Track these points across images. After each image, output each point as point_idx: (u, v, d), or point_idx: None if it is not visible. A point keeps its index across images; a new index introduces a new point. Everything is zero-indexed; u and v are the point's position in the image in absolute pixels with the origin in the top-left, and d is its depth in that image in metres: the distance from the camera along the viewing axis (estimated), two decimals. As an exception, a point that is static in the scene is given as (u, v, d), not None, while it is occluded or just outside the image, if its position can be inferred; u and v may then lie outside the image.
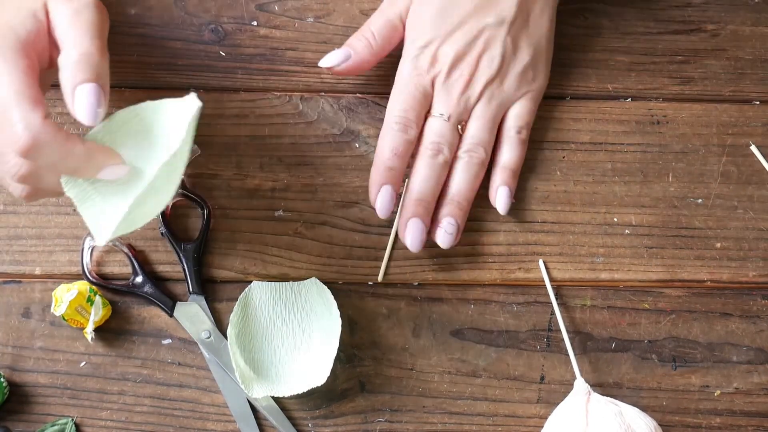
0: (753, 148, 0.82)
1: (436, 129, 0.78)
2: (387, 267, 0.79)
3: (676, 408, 0.78)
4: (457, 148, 0.78)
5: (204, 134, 0.80)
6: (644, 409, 0.76)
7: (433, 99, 0.78)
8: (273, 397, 0.76)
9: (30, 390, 0.76)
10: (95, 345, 0.77)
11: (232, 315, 0.76)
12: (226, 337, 0.76)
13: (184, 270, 0.77)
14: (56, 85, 0.81)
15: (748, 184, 0.82)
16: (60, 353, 0.77)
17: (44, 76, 0.68)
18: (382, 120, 0.80)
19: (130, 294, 0.77)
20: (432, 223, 0.78)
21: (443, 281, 0.79)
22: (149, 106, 0.66)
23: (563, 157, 0.82)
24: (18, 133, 0.62)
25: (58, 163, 0.64)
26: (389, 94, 0.79)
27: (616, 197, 0.81)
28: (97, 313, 0.75)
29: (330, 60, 0.78)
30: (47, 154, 0.63)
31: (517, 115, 0.79)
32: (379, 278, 0.79)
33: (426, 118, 0.78)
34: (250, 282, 0.77)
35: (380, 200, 0.76)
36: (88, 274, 0.77)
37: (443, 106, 0.78)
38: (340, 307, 0.76)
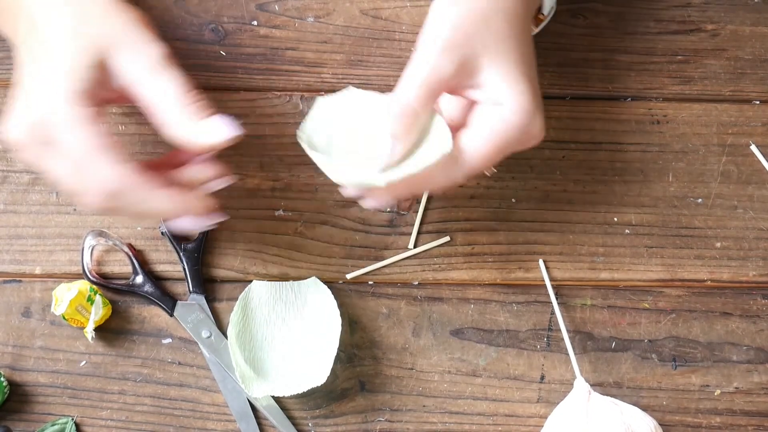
0: (753, 147, 0.82)
1: None
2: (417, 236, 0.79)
3: (676, 408, 0.78)
4: None
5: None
6: (644, 408, 0.76)
7: None
8: (273, 397, 0.76)
9: (30, 390, 0.76)
10: (95, 345, 0.77)
11: (232, 314, 0.76)
12: (226, 336, 0.76)
13: (184, 269, 0.77)
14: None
15: (748, 184, 0.82)
16: (60, 353, 0.77)
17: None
18: (382, 120, 0.81)
19: (130, 294, 0.77)
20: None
21: (443, 281, 0.79)
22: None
23: (563, 157, 0.82)
24: (101, 180, 0.64)
25: (137, 205, 0.65)
26: (388, 93, 0.78)
27: (616, 197, 0.81)
28: (97, 313, 0.75)
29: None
30: (128, 200, 0.65)
31: None
32: (410, 245, 0.79)
33: None
34: (250, 282, 0.78)
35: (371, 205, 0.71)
36: (88, 273, 0.77)
37: None
38: (340, 307, 0.76)
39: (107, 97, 0.68)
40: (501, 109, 0.68)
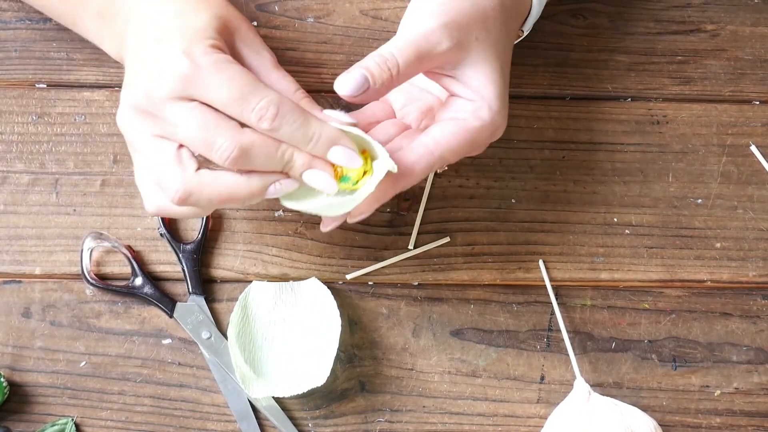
0: (753, 148, 0.82)
1: None
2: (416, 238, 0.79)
3: (676, 408, 0.78)
4: None
5: (204, 134, 0.80)
6: (644, 409, 0.76)
7: None
8: (273, 397, 0.76)
9: (30, 390, 0.76)
10: (95, 345, 0.77)
11: (232, 315, 0.76)
12: (226, 337, 0.76)
13: (183, 270, 0.77)
14: (55, 85, 0.81)
15: (748, 184, 0.82)
16: (60, 353, 0.77)
17: None
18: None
19: (129, 295, 0.77)
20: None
21: (443, 281, 0.79)
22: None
23: (563, 157, 0.82)
24: (263, 106, 0.63)
25: (295, 130, 0.64)
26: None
27: (616, 197, 0.81)
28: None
29: (345, 87, 0.67)
30: (290, 121, 0.64)
31: None
32: (410, 245, 0.79)
33: None
34: (250, 282, 0.77)
35: None
36: (87, 275, 0.76)
37: None
38: (340, 307, 0.76)
39: None
40: (475, 106, 0.69)
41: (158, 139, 0.65)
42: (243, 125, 0.64)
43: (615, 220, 0.81)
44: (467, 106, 0.69)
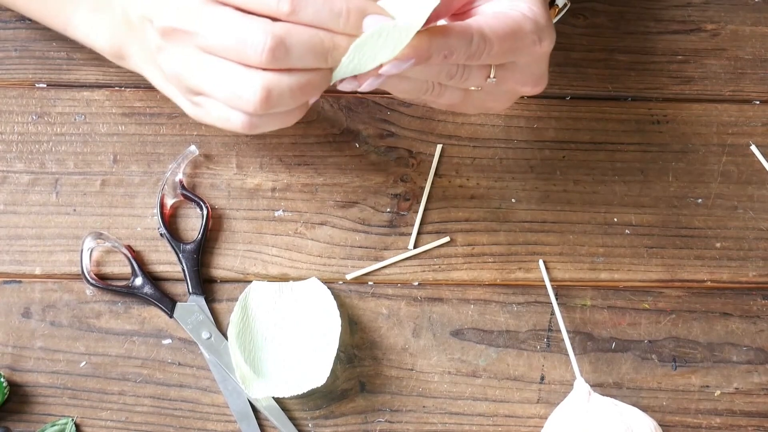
0: (753, 147, 0.82)
1: None
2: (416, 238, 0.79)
3: (676, 408, 0.78)
4: None
5: (204, 134, 0.80)
6: (644, 409, 0.76)
7: None
8: (273, 397, 0.76)
9: (30, 390, 0.76)
10: (95, 345, 0.77)
11: (232, 315, 0.76)
12: (226, 337, 0.76)
13: (183, 270, 0.77)
14: (55, 85, 0.81)
15: (748, 184, 0.82)
16: (60, 353, 0.77)
17: None
18: (382, 120, 0.81)
19: (130, 295, 0.77)
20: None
21: (443, 281, 0.79)
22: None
23: (563, 157, 0.82)
24: None
25: (321, 11, 0.60)
26: (388, 93, 0.78)
27: (616, 197, 0.81)
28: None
29: None
30: (312, 2, 0.60)
31: None
32: (410, 245, 0.79)
33: None
34: (250, 282, 0.77)
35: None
36: (87, 275, 0.76)
37: None
38: (340, 307, 0.76)
39: None
40: (512, 3, 0.66)
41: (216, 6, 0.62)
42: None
43: (615, 219, 0.81)
44: (504, 3, 0.67)
